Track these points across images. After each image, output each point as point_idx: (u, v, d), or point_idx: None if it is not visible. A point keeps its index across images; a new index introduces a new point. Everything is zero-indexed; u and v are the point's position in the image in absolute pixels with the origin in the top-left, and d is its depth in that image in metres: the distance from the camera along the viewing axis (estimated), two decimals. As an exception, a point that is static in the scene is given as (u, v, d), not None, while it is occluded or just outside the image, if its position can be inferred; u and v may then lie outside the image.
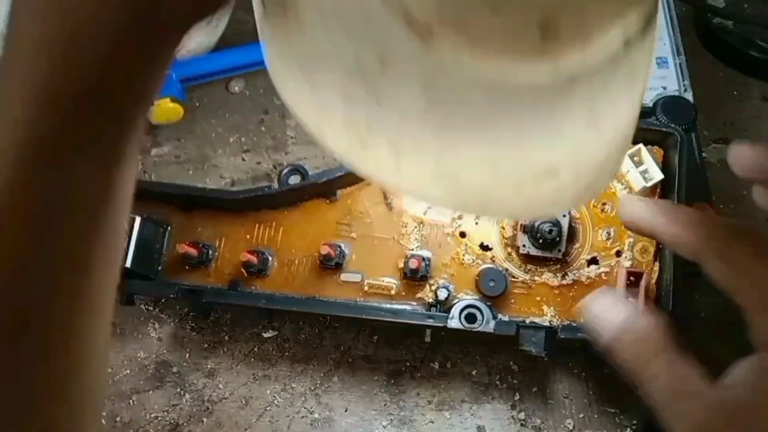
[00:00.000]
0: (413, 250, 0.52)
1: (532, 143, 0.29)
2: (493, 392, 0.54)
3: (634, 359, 0.42)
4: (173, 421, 0.54)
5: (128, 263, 0.50)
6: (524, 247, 0.50)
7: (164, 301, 0.56)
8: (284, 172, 0.52)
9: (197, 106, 0.62)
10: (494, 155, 0.29)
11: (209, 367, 0.55)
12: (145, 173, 0.60)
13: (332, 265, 0.51)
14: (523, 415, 0.53)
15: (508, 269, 0.51)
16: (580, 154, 0.31)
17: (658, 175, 0.50)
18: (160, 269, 0.52)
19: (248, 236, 0.53)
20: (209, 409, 0.54)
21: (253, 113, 0.60)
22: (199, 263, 0.52)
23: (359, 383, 0.54)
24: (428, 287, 0.51)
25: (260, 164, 0.59)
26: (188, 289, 0.51)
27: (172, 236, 0.53)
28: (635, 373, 0.42)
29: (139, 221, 0.51)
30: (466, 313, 0.49)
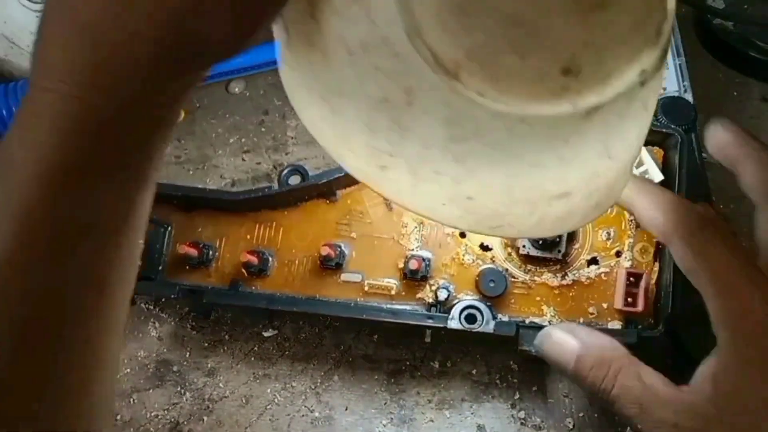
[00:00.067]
0: (413, 250, 0.52)
1: (547, 171, 0.30)
2: (493, 391, 0.54)
3: (598, 380, 0.42)
4: (173, 419, 0.54)
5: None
6: (524, 247, 0.50)
7: (164, 300, 0.56)
8: (284, 172, 0.52)
9: (197, 106, 0.62)
10: (510, 182, 0.30)
11: (209, 365, 0.55)
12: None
13: (332, 265, 0.51)
14: (523, 414, 0.53)
15: (508, 269, 0.51)
16: (591, 178, 0.32)
17: (658, 176, 0.50)
18: (160, 269, 0.52)
19: (248, 236, 0.53)
20: (209, 407, 0.54)
21: (253, 114, 0.60)
22: (199, 263, 0.52)
23: (359, 382, 0.54)
24: (428, 287, 0.51)
25: (260, 164, 0.59)
26: (189, 289, 0.51)
27: (172, 236, 0.53)
28: (603, 393, 0.42)
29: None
30: (466, 313, 0.49)
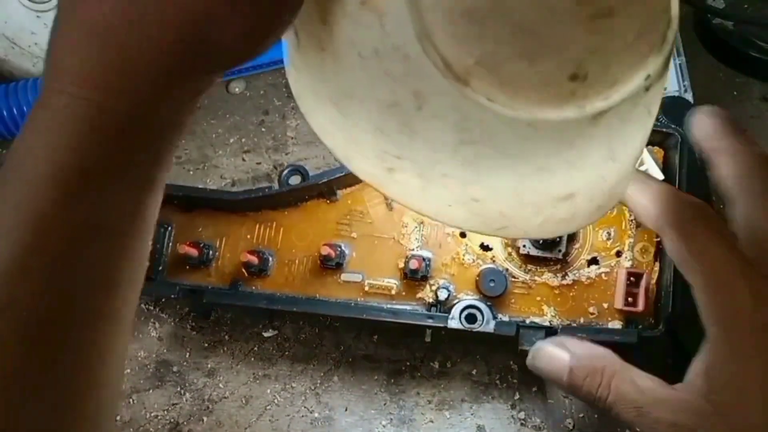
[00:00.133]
0: (413, 250, 0.52)
1: (553, 174, 0.31)
2: (493, 392, 0.54)
3: (593, 389, 0.42)
4: (173, 420, 0.54)
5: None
6: (524, 247, 0.50)
7: (164, 300, 0.56)
8: (284, 172, 0.52)
9: (198, 107, 0.61)
10: (517, 184, 0.31)
11: (209, 366, 0.55)
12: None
13: (332, 265, 0.51)
14: (523, 414, 0.53)
15: (508, 269, 0.51)
16: (595, 181, 0.32)
17: (658, 175, 0.50)
18: (161, 269, 0.52)
19: (249, 236, 0.53)
20: (209, 408, 0.54)
21: (253, 114, 0.60)
22: (199, 263, 0.52)
23: (359, 383, 0.54)
24: (428, 287, 0.51)
25: (260, 165, 0.59)
26: (189, 289, 0.51)
27: (172, 236, 0.53)
28: (599, 401, 0.42)
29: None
30: (466, 313, 0.49)
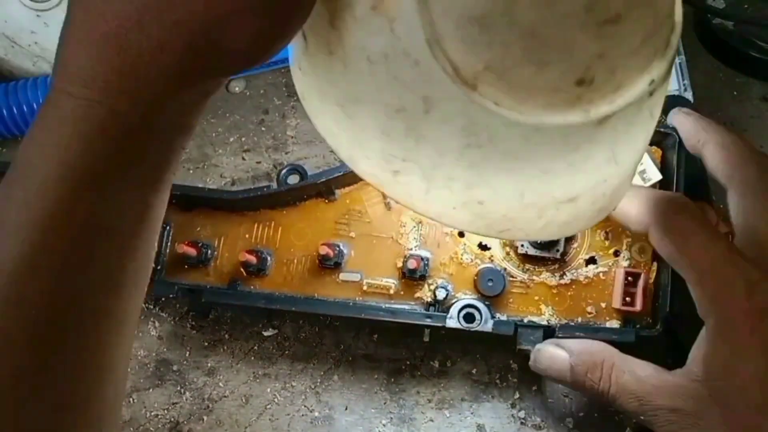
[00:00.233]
0: (412, 249, 0.52)
1: (557, 177, 0.31)
2: (493, 391, 0.54)
3: (595, 384, 0.43)
4: (173, 419, 0.54)
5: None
6: (522, 246, 0.50)
7: (164, 299, 0.56)
8: (283, 171, 0.52)
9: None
10: (522, 187, 0.31)
11: (209, 365, 0.55)
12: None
13: (331, 264, 0.51)
14: (523, 413, 0.53)
15: (506, 269, 0.51)
16: (598, 184, 0.33)
17: (656, 175, 0.50)
18: (159, 268, 0.52)
19: (247, 235, 0.53)
20: (209, 407, 0.54)
21: (253, 113, 0.60)
22: (198, 262, 0.52)
23: (359, 382, 0.54)
24: (427, 287, 0.51)
25: (260, 164, 0.59)
26: (188, 288, 0.52)
27: (171, 235, 0.53)
28: (602, 395, 0.43)
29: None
30: (464, 312, 0.49)
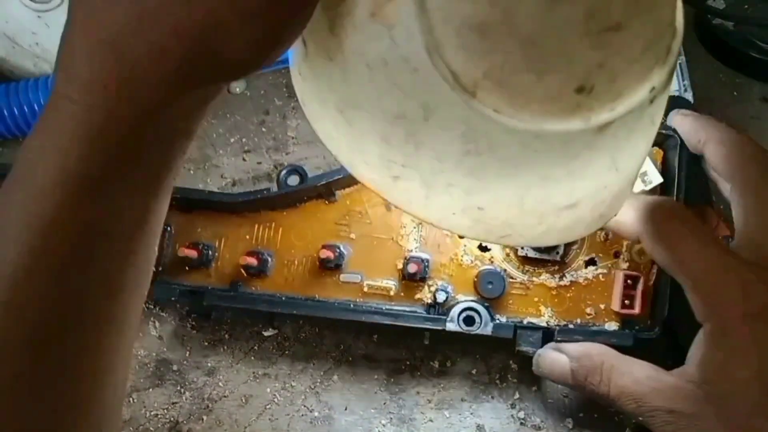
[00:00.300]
0: (412, 251, 0.52)
1: (557, 184, 0.31)
2: (492, 391, 0.54)
3: (595, 387, 0.44)
4: (173, 419, 0.54)
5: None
6: (522, 249, 0.51)
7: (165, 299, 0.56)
8: (283, 172, 0.52)
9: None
10: (521, 194, 0.31)
11: (209, 365, 0.55)
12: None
13: (332, 266, 0.51)
14: (522, 414, 0.53)
15: (506, 270, 0.51)
16: (598, 190, 0.33)
17: (657, 178, 0.50)
18: (160, 270, 0.52)
19: (248, 237, 0.53)
20: (209, 407, 0.54)
21: (254, 114, 0.60)
22: (199, 264, 0.52)
23: (359, 382, 0.54)
24: (427, 288, 0.51)
25: (261, 164, 0.59)
26: (189, 291, 0.52)
27: (172, 236, 0.53)
28: (603, 397, 0.44)
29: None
30: (464, 315, 0.49)
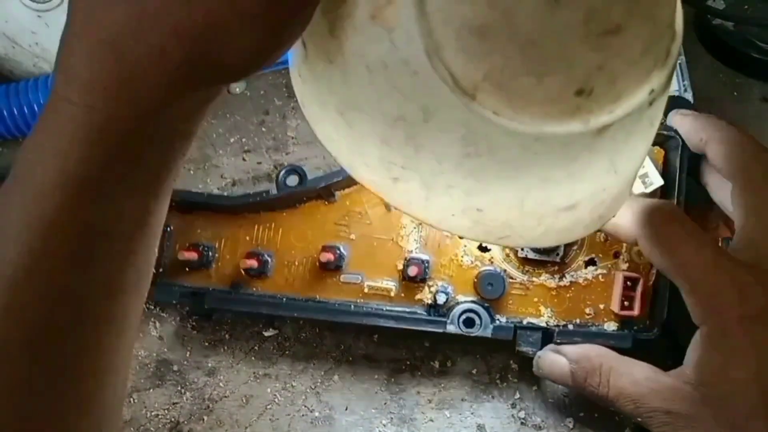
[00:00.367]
0: (412, 252, 0.52)
1: (556, 186, 0.31)
2: (493, 391, 0.54)
3: (594, 389, 0.44)
4: (174, 419, 0.54)
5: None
6: (522, 250, 0.51)
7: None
8: (282, 173, 0.52)
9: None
10: (520, 195, 0.31)
11: (210, 365, 0.55)
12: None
13: (332, 267, 0.51)
14: (523, 413, 0.53)
15: (506, 270, 0.51)
16: (597, 192, 0.33)
17: (658, 180, 0.50)
18: (161, 271, 0.52)
19: (248, 237, 0.53)
20: (210, 407, 0.54)
21: (253, 114, 0.60)
22: (200, 265, 0.52)
23: (360, 382, 0.54)
24: (427, 289, 0.51)
25: (261, 164, 0.59)
26: (190, 292, 0.52)
27: (172, 237, 0.53)
28: (603, 399, 0.44)
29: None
30: (464, 317, 0.49)
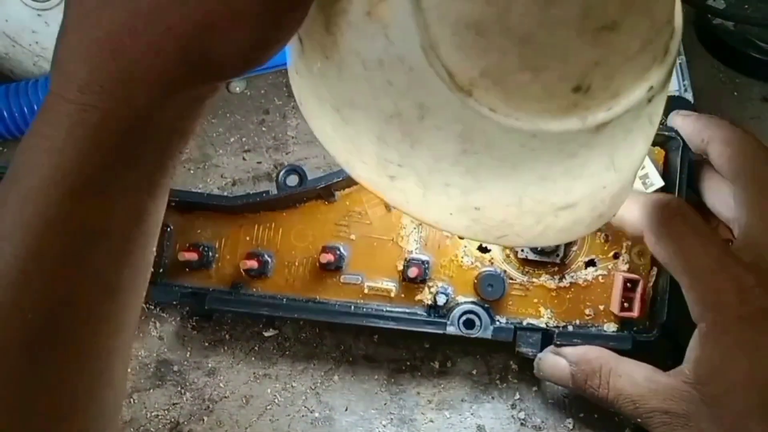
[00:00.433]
0: (412, 252, 0.52)
1: (554, 184, 0.31)
2: (493, 391, 0.54)
3: (595, 390, 0.44)
4: (174, 419, 0.54)
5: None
6: (522, 251, 0.51)
7: (165, 299, 0.56)
8: (281, 173, 0.52)
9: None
10: (519, 193, 0.31)
11: (210, 365, 0.55)
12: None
13: (332, 267, 0.51)
14: (523, 414, 0.53)
15: (506, 271, 0.51)
16: (597, 190, 0.32)
17: (658, 181, 0.50)
18: (161, 271, 0.52)
19: (248, 238, 0.53)
20: (210, 407, 0.54)
21: (253, 113, 0.60)
22: (200, 265, 0.52)
23: (360, 382, 0.54)
24: (427, 289, 0.51)
25: (261, 164, 0.59)
26: (191, 293, 0.52)
27: (172, 237, 0.53)
28: (603, 400, 0.44)
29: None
30: (464, 319, 0.49)
